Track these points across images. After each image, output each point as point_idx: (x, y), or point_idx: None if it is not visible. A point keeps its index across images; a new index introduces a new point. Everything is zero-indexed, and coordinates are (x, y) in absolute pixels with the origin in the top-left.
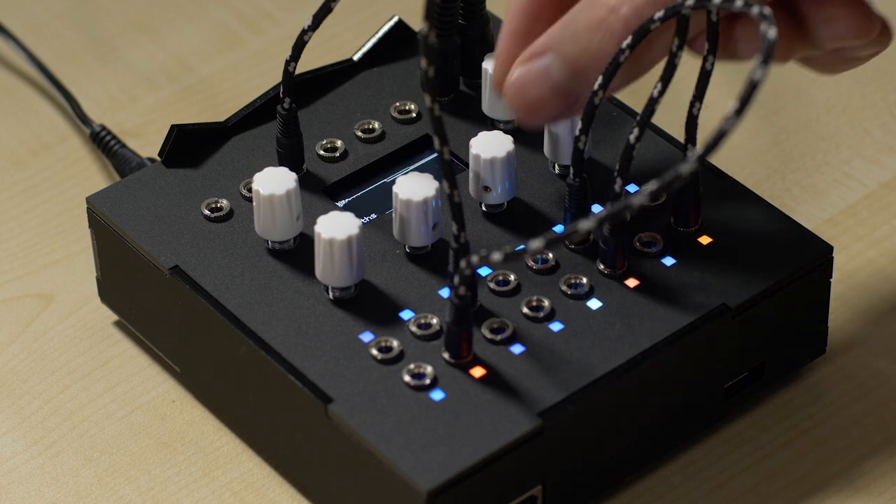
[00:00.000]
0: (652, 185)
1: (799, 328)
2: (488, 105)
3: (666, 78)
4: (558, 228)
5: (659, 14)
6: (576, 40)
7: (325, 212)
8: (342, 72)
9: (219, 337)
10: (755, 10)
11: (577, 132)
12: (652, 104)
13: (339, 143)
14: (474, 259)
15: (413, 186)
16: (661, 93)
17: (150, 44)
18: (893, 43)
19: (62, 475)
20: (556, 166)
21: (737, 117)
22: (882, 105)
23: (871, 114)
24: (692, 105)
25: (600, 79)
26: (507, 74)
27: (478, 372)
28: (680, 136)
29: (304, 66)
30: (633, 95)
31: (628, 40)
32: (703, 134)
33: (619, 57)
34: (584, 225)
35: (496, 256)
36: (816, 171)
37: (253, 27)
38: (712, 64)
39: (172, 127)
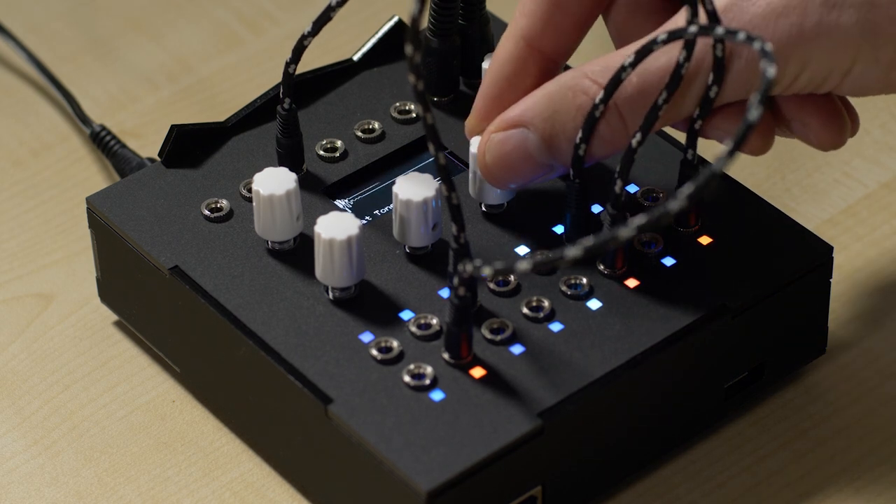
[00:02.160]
0: (640, 220)
1: (799, 328)
2: None
3: (671, 87)
4: (558, 229)
5: (662, 37)
6: (553, 121)
7: (325, 212)
8: (342, 72)
9: (219, 337)
10: (757, 44)
11: (578, 139)
12: (655, 111)
13: (339, 143)
14: (468, 268)
15: (413, 187)
16: (666, 101)
17: (150, 44)
18: None
19: (62, 475)
20: None
21: (729, 157)
22: (882, 105)
23: (871, 114)
24: (693, 122)
25: (602, 93)
26: (478, 122)
27: (478, 372)
28: (679, 136)
29: (304, 65)
30: None
31: (631, 58)
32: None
33: (620, 74)
34: (571, 253)
35: (486, 271)
36: (816, 171)
37: (253, 27)
38: (716, 93)
39: (172, 127)
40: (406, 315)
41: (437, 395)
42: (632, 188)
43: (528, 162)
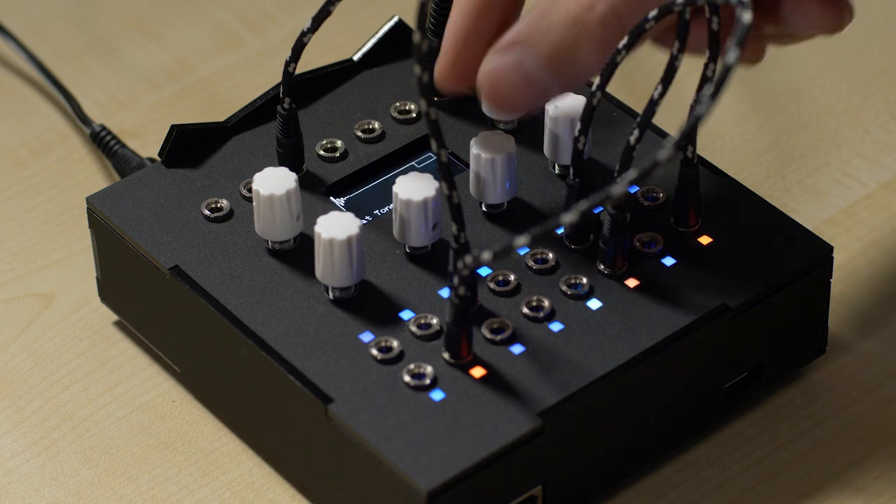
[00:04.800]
0: (631, 174)
1: (799, 328)
2: None
3: (666, 80)
4: (558, 229)
5: (653, 13)
6: (549, 36)
7: (325, 212)
8: (342, 72)
9: (219, 337)
10: None
11: (577, 132)
12: (652, 106)
13: (339, 143)
14: (468, 260)
15: (413, 186)
16: (662, 95)
17: (150, 44)
18: (894, 45)
19: (62, 475)
20: (556, 166)
21: (712, 101)
22: (882, 105)
23: (871, 114)
24: (692, 108)
25: (598, 79)
26: (450, 66)
27: (478, 372)
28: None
29: (304, 65)
30: (634, 96)
31: (624, 41)
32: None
33: (615, 57)
34: (567, 217)
35: (486, 256)
36: (816, 171)
37: (253, 27)
38: (713, 71)
39: (172, 127)
40: (406, 315)
41: (437, 395)
42: (632, 188)
43: (527, 82)
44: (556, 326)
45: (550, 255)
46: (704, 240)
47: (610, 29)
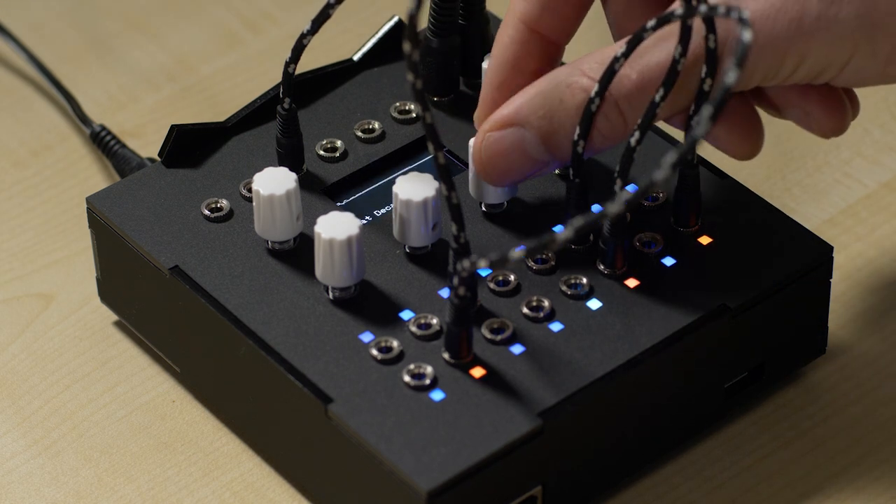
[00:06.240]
0: (628, 194)
1: (799, 328)
2: None
3: (668, 83)
4: (557, 229)
5: (651, 23)
6: (550, 119)
7: (325, 212)
8: (342, 72)
9: (219, 337)
10: (734, 14)
11: (576, 136)
12: (653, 108)
13: (339, 143)
14: (466, 264)
15: (413, 186)
16: (663, 98)
17: (150, 44)
18: None
19: (62, 475)
20: None
21: (711, 122)
22: (882, 105)
23: (871, 114)
24: (690, 118)
25: (597, 86)
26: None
27: (478, 372)
28: (679, 135)
29: (304, 65)
30: None
31: (623, 49)
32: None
33: (614, 65)
34: (563, 235)
35: (482, 264)
36: (816, 171)
37: (253, 27)
38: (710, 86)
39: (172, 127)
40: (406, 315)
41: (437, 395)
42: (632, 188)
43: (526, 160)
44: (556, 326)
45: (550, 255)
46: (704, 240)
47: (612, 119)
